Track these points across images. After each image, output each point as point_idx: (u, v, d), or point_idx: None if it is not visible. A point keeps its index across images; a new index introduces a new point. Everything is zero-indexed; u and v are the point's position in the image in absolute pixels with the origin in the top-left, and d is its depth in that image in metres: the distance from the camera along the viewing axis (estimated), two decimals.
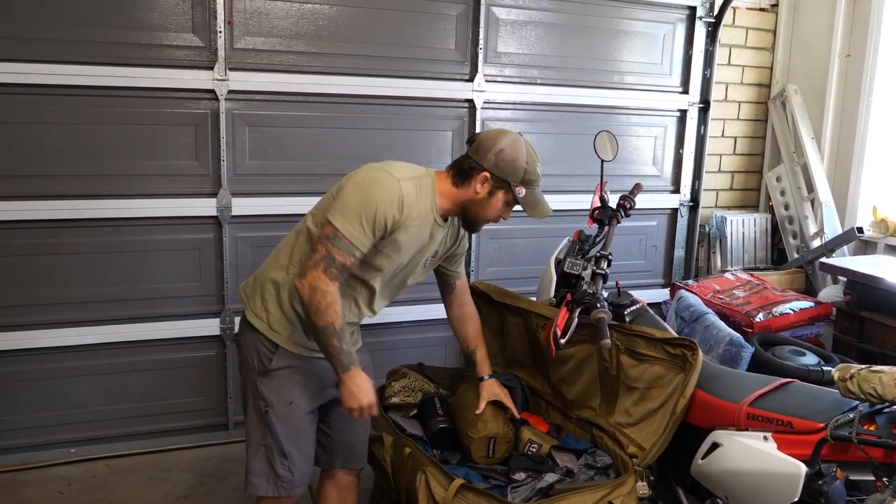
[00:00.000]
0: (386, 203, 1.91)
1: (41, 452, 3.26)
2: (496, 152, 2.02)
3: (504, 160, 2.02)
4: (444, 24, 3.56)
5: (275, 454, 2.08)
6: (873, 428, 1.79)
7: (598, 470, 2.22)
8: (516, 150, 2.03)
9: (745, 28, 4.38)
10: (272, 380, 2.07)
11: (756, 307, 3.51)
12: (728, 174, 4.55)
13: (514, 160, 2.02)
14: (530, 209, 2.09)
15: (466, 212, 2.10)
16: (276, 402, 2.07)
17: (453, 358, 3.84)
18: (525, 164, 2.04)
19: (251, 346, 2.11)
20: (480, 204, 2.07)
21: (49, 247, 3.13)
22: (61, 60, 3.00)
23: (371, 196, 1.91)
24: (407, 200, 1.95)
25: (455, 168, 2.08)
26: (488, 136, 2.06)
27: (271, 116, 3.34)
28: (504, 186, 2.05)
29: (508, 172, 2.03)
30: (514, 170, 2.03)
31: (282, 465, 2.09)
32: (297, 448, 2.10)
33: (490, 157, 2.02)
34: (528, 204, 2.08)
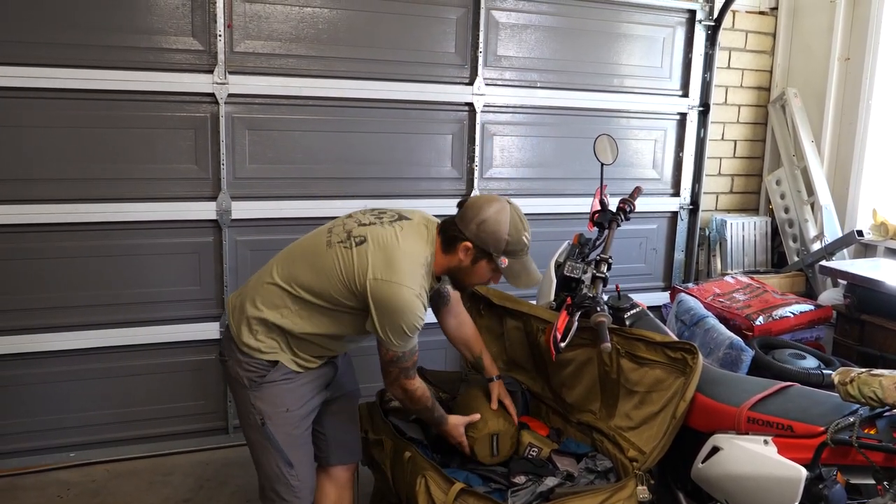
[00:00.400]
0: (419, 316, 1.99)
1: (40, 457, 3.25)
2: (478, 222, 2.01)
3: (485, 231, 2.01)
4: (444, 28, 3.56)
5: (282, 465, 2.09)
6: (874, 432, 1.79)
7: (599, 474, 2.22)
8: (499, 221, 2.01)
9: (744, 31, 4.38)
10: (265, 391, 2.08)
11: (756, 310, 3.51)
12: (728, 177, 4.55)
13: (496, 231, 2.01)
14: (513, 280, 2.10)
15: (454, 276, 2.14)
16: (271, 413, 2.07)
17: (453, 362, 3.83)
18: (507, 236, 2.02)
19: (242, 364, 2.10)
20: (465, 272, 2.09)
21: (48, 250, 3.13)
22: (61, 64, 3.00)
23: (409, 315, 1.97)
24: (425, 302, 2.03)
25: (442, 235, 2.10)
26: (473, 205, 2.06)
27: (271, 120, 3.35)
28: (486, 256, 2.05)
29: (490, 243, 2.02)
30: (496, 241, 2.02)
31: (290, 474, 2.10)
32: (299, 454, 2.12)
33: (472, 227, 2.02)
34: (510, 274, 2.09)
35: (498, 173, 3.82)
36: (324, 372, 2.19)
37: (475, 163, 3.72)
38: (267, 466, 2.13)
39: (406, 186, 3.62)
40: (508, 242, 2.02)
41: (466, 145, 3.71)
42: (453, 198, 3.68)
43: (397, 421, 2.48)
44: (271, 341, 2.08)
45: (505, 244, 2.02)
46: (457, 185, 3.73)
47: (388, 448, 2.37)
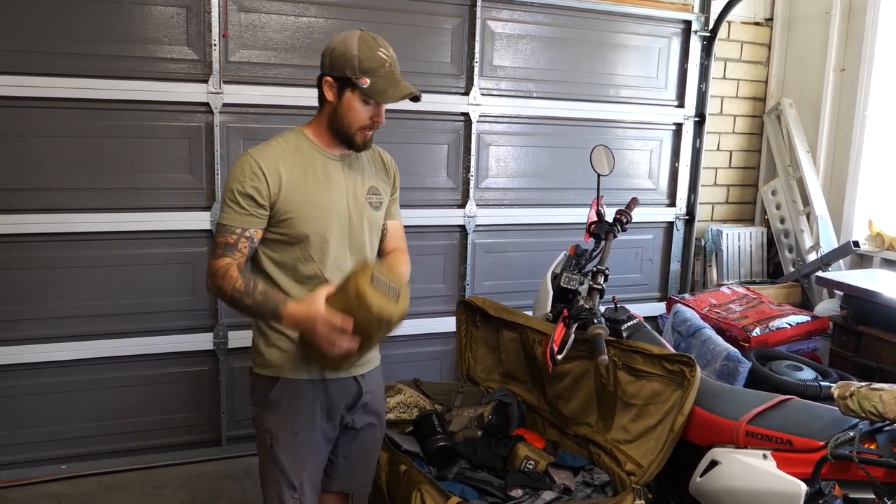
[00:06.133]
0: (238, 175, 1.89)
1: (31, 469, 3.21)
2: (329, 53, 1.94)
3: (336, 56, 1.91)
4: (440, 38, 3.56)
5: (284, 488, 2.03)
6: (874, 447, 1.78)
7: (596, 487, 2.20)
8: (346, 44, 1.91)
9: (740, 42, 4.39)
10: (275, 411, 2.01)
11: (753, 321, 3.50)
12: (723, 187, 4.55)
13: (344, 52, 1.90)
14: (379, 96, 1.91)
15: (334, 127, 1.97)
16: (280, 435, 2.01)
17: (449, 373, 3.81)
18: (357, 52, 1.89)
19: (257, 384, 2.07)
20: (338, 113, 1.95)
21: (40, 261, 3.10)
22: (55, 73, 2.98)
23: (228, 180, 1.92)
24: (263, 162, 1.90)
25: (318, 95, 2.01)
26: (328, 44, 1.97)
27: (266, 130, 3.32)
28: (347, 84, 1.92)
29: (344, 67, 1.90)
30: (348, 61, 1.89)
31: (292, 497, 2.04)
32: (304, 478, 2.05)
33: (325, 60, 1.95)
34: (375, 91, 1.91)
35: (493, 183, 3.81)
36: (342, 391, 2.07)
37: (471, 173, 3.71)
38: (269, 485, 2.07)
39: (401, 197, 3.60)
40: (360, 59, 1.89)
41: (462, 155, 3.71)
42: (449, 208, 3.71)
43: (392, 434, 2.46)
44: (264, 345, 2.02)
45: (357, 61, 1.89)
46: (452, 195, 3.72)
47: (384, 461, 2.35)
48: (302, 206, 1.94)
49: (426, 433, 2.44)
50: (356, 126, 1.96)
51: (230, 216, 1.91)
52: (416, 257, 3.64)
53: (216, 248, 1.92)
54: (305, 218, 1.95)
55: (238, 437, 3.48)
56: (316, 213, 1.96)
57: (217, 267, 1.89)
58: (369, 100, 1.93)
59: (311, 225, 1.95)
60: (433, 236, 3.73)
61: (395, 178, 2.23)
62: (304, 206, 1.94)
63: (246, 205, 1.89)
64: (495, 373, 2.81)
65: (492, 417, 2.56)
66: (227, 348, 3.40)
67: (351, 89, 1.92)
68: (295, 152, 1.97)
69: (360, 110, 1.94)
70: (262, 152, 1.93)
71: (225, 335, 3.38)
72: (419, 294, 3.72)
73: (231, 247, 1.90)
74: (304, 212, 1.94)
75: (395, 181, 2.23)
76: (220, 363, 3.42)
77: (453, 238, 3.77)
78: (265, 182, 1.89)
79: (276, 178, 1.91)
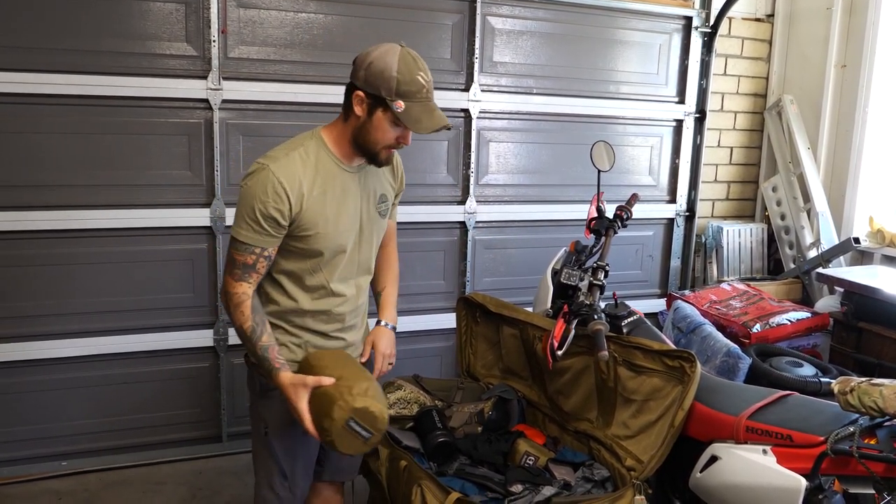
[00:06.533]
0: (260, 194, 1.82)
1: (31, 466, 3.21)
2: (365, 66, 1.82)
3: (373, 73, 1.81)
4: (440, 34, 3.56)
5: (275, 475, 2.06)
6: (874, 442, 1.78)
7: (596, 483, 2.20)
8: (386, 61, 1.80)
9: (740, 38, 4.38)
10: (270, 400, 2.02)
11: (753, 318, 3.50)
12: (724, 184, 4.54)
13: (384, 70, 1.80)
14: (413, 125, 1.85)
15: (358, 142, 1.91)
16: (274, 424, 2.03)
17: (449, 369, 3.81)
18: (396, 73, 1.79)
19: (253, 374, 2.08)
20: (365, 129, 1.87)
21: (39, 257, 3.10)
22: (53, 70, 2.98)
23: (246, 194, 1.85)
24: (286, 181, 1.83)
25: (343, 104, 1.93)
26: (363, 52, 1.86)
27: (266, 126, 3.33)
28: (380, 103, 1.83)
29: (379, 85, 1.80)
30: (386, 80, 1.80)
31: (282, 485, 2.07)
32: (297, 466, 2.08)
33: (361, 73, 1.83)
34: (409, 119, 1.83)
35: (494, 180, 3.81)
36: None
37: (471, 169, 3.71)
38: (261, 473, 2.09)
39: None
40: (399, 81, 1.80)
41: (462, 152, 3.70)
42: (449, 205, 3.71)
43: (392, 430, 2.46)
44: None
45: (396, 83, 1.80)
46: (452, 191, 3.72)
47: (384, 457, 2.35)
48: (321, 225, 1.91)
49: (426, 429, 2.43)
50: (381, 145, 1.91)
51: (250, 235, 1.86)
52: (417, 254, 3.68)
53: (234, 266, 1.89)
54: (324, 236, 1.93)
55: (239, 434, 3.48)
56: (334, 230, 1.94)
57: (234, 292, 1.89)
58: (400, 123, 1.86)
59: (328, 242, 1.94)
60: (433, 233, 3.72)
61: (401, 180, 2.21)
62: (323, 225, 1.92)
63: (267, 226, 1.85)
64: (495, 369, 2.81)
65: (492, 413, 2.56)
66: (228, 345, 3.40)
67: (383, 109, 1.84)
68: (316, 167, 1.90)
69: (389, 131, 1.88)
70: (285, 169, 1.85)
71: (225, 331, 3.38)
72: (419, 291, 3.73)
73: (249, 268, 1.89)
74: (323, 230, 1.92)
75: (401, 183, 2.21)
76: (220, 360, 3.42)
77: (453, 234, 3.77)
78: (288, 203, 1.84)
79: (299, 197, 1.86)
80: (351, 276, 2.04)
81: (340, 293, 2.02)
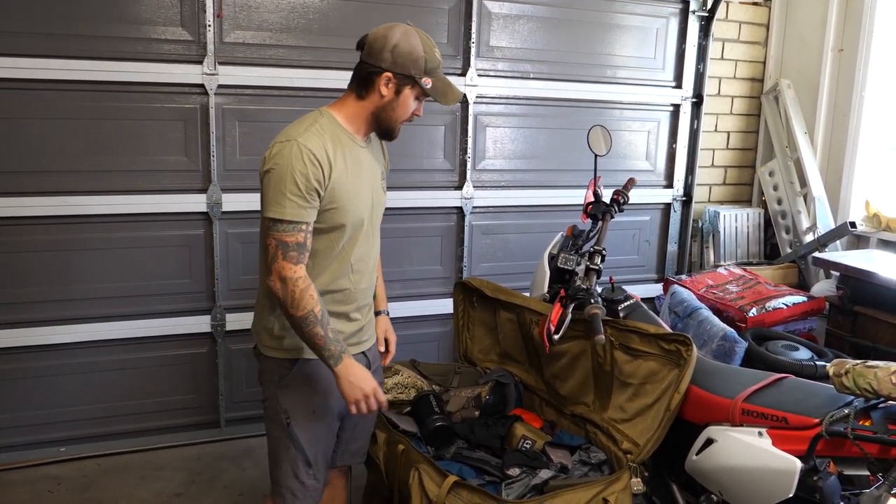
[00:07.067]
0: (299, 167, 1.83)
1: (30, 451, 3.22)
2: (391, 49, 1.91)
3: (401, 55, 1.91)
4: (437, 18, 3.53)
5: (300, 465, 2.05)
6: (868, 423, 1.79)
7: (593, 466, 2.21)
8: (411, 41, 1.92)
9: (738, 22, 4.37)
10: (291, 389, 2.02)
11: (749, 302, 3.51)
12: (721, 169, 4.54)
13: (412, 52, 1.92)
14: (441, 98, 2.00)
15: (380, 119, 2.00)
16: (296, 413, 2.02)
17: (446, 354, 3.82)
18: (423, 53, 1.93)
19: (269, 364, 2.06)
20: (391, 107, 1.97)
21: (35, 244, 3.10)
22: (47, 55, 2.96)
23: (282, 170, 1.84)
24: (317, 152, 1.86)
25: (355, 80, 1.99)
26: (377, 35, 1.94)
27: (262, 111, 3.31)
28: (409, 82, 1.95)
29: (409, 66, 1.92)
30: (415, 62, 1.92)
31: (307, 474, 2.06)
32: (320, 455, 2.08)
33: (386, 55, 1.92)
34: (437, 93, 1.99)
35: (491, 165, 3.80)
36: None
37: (468, 154, 3.70)
38: (284, 464, 2.07)
39: (398, 178, 3.57)
40: (427, 60, 1.94)
41: (459, 137, 3.69)
42: (446, 190, 3.71)
43: (390, 414, 2.47)
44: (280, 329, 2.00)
45: (424, 62, 1.93)
46: (449, 176, 3.71)
47: (382, 441, 2.36)
48: (344, 197, 1.94)
49: (424, 413, 2.45)
50: (402, 119, 2.02)
51: (296, 211, 1.84)
52: (414, 239, 3.68)
53: (287, 249, 1.85)
54: (346, 209, 1.95)
55: (236, 419, 3.49)
56: (356, 202, 1.97)
57: (298, 276, 1.85)
58: (423, 98, 2.00)
59: (350, 215, 1.96)
60: (430, 218, 3.72)
61: (387, 160, 2.25)
62: (346, 197, 1.94)
63: (310, 198, 1.86)
64: (492, 353, 2.82)
65: (489, 397, 2.57)
66: (225, 331, 3.40)
67: (411, 86, 1.96)
68: (333, 140, 1.93)
69: (411, 106, 2.00)
70: (311, 141, 1.87)
71: (223, 317, 3.38)
72: (417, 276, 3.73)
73: (303, 247, 1.87)
74: (345, 203, 1.94)
75: (387, 162, 2.25)
76: (217, 345, 3.42)
77: (450, 220, 3.77)
78: (322, 171, 1.87)
79: (329, 166, 1.89)
80: (367, 252, 2.08)
81: (359, 269, 2.05)
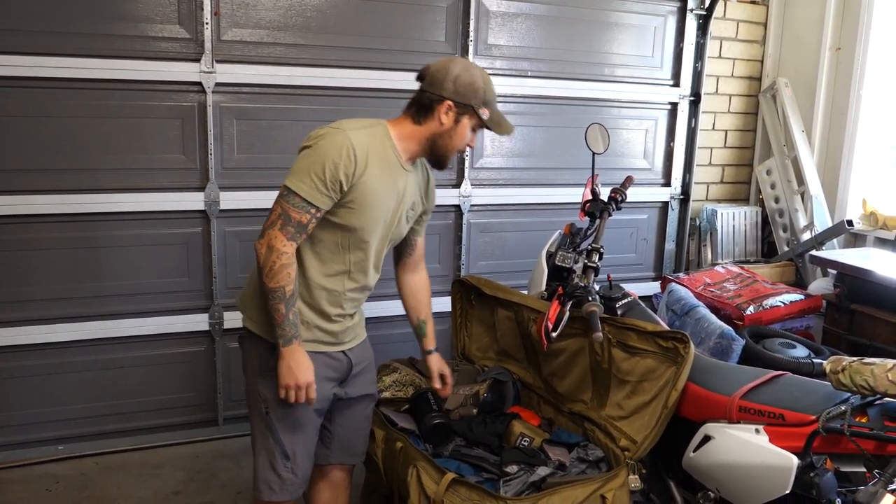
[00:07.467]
0: (334, 155, 1.90)
1: (28, 450, 3.22)
2: (453, 79, 2.00)
3: (462, 85, 2.00)
4: (434, 16, 3.53)
5: (277, 456, 2.06)
6: (865, 420, 1.79)
7: (590, 463, 2.21)
8: (472, 73, 2.03)
9: (735, 21, 4.37)
10: (271, 379, 2.02)
11: (746, 300, 3.52)
12: (719, 167, 4.55)
13: (472, 82, 2.01)
14: (496, 127, 2.09)
15: (435, 146, 2.07)
16: (275, 403, 2.03)
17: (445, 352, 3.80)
18: (482, 85, 2.03)
19: (252, 349, 2.09)
20: (448, 135, 2.05)
21: (33, 242, 3.09)
22: (44, 52, 2.95)
23: (318, 152, 1.92)
24: (359, 150, 1.93)
25: (414, 106, 2.06)
26: (439, 67, 2.04)
27: (259, 109, 3.31)
28: (468, 111, 2.03)
29: (469, 95, 2.01)
30: (475, 92, 2.02)
31: (284, 466, 2.07)
32: (299, 448, 2.08)
33: (448, 85, 2.00)
34: (493, 123, 2.08)
35: (488, 163, 3.80)
36: (335, 364, 2.12)
37: (466, 153, 3.70)
38: (262, 456, 2.09)
39: None
40: (485, 91, 2.04)
41: None
42: (444, 187, 3.70)
43: (389, 412, 2.48)
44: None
45: (483, 93, 2.03)
46: (447, 175, 3.71)
47: (380, 439, 2.36)
48: (367, 204, 1.98)
49: (422, 411, 2.44)
50: (457, 149, 2.10)
51: (313, 193, 1.91)
52: None
53: (288, 222, 1.91)
54: (365, 214, 2.00)
55: (235, 417, 3.49)
56: (374, 212, 2.02)
57: (285, 251, 1.91)
58: (478, 128, 2.09)
59: (366, 221, 2.01)
60: None
61: (431, 199, 2.28)
62: (370, 203, 1.99)
63: (333, 187, 1.92)
64: (490, 351, 2.82)
65: (487, 395, 2.57)
66: (223, 329, 3.40)
67: (469, 116, 2.04)
68: (381, 150, 2.00)
69: (466, 136, 2.08)
70: (359, 138, 1.94)
71: (220, 316, 3.38)
72: None
73: (302, 228, 1.94)
74: (366, 210, 1.99)
75: (430, 201, 2.28)
76: (216, 344, 3.42)
77: (448, 218, 3.77)
78: (354, 167, 1.92)
79: (364, 166, 1.94)
80: (368, 267, 2.11)
81: (355, 278, 2.09)
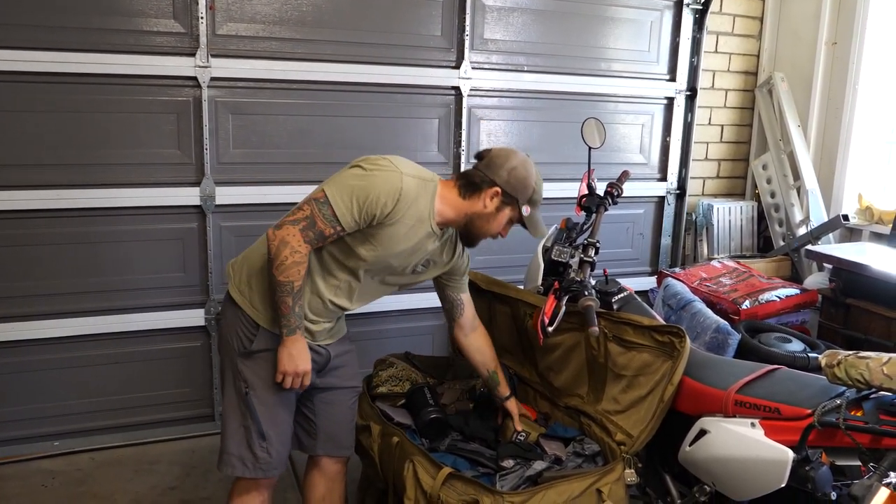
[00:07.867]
0: (383, 191, 1.93)
1: (23, 446, 3.21)
2: (509, 169, 2.06)
3: (516, 178, 2.06)
4: (431, 11, 3.52)
5: (253, 435, 2.08)
6: (860, 414, 1.79)
7: (586, 457, 2.22)
8: (528, 170, 2.09)
9: (732, 15, 4.37)
10: (253, 361, 2.07)
11: (742, 294, 3.52)
12: (715, 162, 4.55)
13: (526, 178, 2.07)
14: (532, 228, 2.16)
15: (470, 224, 2.12)
16: (257, 384, 2.07)
17: (440, 347, 3.83)
18: (534, 184, 2.10)
19: (232, 324, 2.11)
20: (486, 218, 2.10)
21: (29, 237, 3.08)
22: (38, 47, 2.93)
23: (371, 181, 1.95)
24: (405, 196, 1.96)
25: (464, 179, 2.10)
26: (500, 153, 2.10)
27: (255, 104, 3.30)
28: (512, 203, 2.09)
29: (519, 190, 2.07)
30: (525, 188, 2.08)
31: (260, 446, 2.09)
32: (275, 430, 2.11)
33: (503, 173, 2.06)
34: (531, 223, 2.15)
35: None
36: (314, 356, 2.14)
37: (462, 147, 3.69)
38: (238, 434, 2.10)
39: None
40: (535, 191, 2.10)
41: (453, 130, 3.68)
42: None
43: (385, 406, 2.48)
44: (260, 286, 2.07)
45: (532, 192, 2.09)
46: (443, 169, 3.70)
47: (376, 433, 2.37)
48: (387, 245, 2.02)
49: (418, 406, 2.45)
50: (489, 234, 2.15)
51: (345, 214, 1.93)
52: None
53: (311, 228, 1.94)
54: (380, 254, 2.04)
55: None
56: (389, 259, 2.07)
57: (300, 251, 1.93)
58: (514, 222, 2.15)
59: (376, 260, 2.05)
60: None
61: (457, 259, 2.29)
62: (388, 247, 2.03)
63: (366, 218, 1.95)
64: None
65: (483, 390, 2.57)
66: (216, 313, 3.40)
67: (512, 208, 2.10)
68: (420, 206, 2.02)
69: (501, 225, 2.14)
70: (410, 186, 1.98)
71: (216, 311, 3.38)
72: None
73: (321, 238, 1.97)
74: (383, 250, 2.03)
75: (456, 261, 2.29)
76: (211, 339, 3.42)
77: None
78: (392, 211, 1.96)
79: (401, 214, 1.98)
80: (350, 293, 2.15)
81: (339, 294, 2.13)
